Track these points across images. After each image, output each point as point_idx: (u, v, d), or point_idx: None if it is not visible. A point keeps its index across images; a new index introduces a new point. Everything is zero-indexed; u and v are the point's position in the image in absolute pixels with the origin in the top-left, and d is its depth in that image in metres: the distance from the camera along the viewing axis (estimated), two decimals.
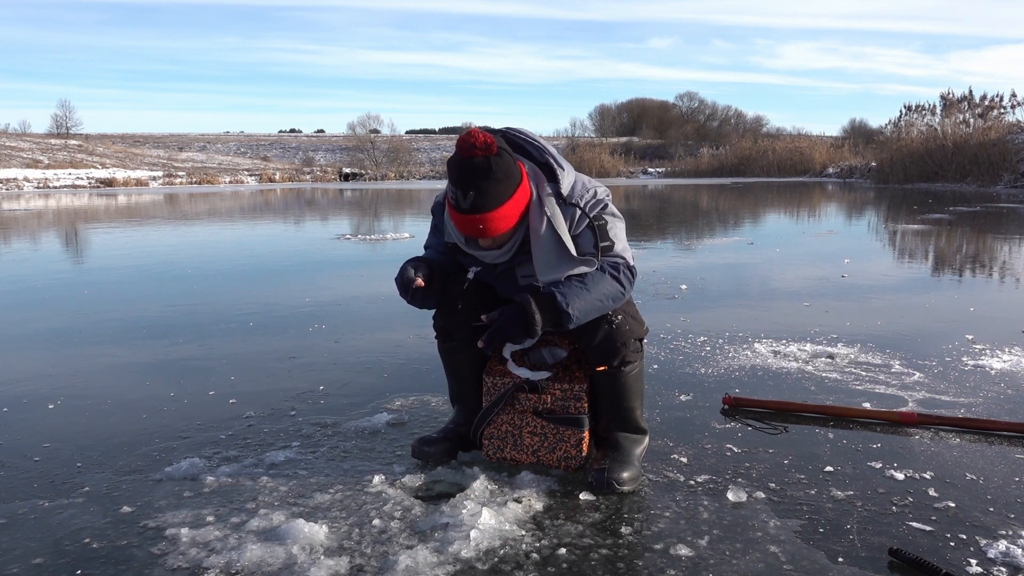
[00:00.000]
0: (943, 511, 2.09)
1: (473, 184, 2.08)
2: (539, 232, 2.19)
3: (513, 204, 2.14)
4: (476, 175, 2.07)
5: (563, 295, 2.14)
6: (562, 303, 2.12)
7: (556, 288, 2.16)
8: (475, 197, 2.08)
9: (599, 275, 2.20)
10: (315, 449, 2.56)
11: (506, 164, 2.11)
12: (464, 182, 2.09)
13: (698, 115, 69.10)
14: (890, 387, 3.19)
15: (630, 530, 2.00)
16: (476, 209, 2.09)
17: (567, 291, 2.15)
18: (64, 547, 1.94)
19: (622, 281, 2.22)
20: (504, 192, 2.11)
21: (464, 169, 2.09)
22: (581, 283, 2.17)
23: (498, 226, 2.14)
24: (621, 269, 2.22)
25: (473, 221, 2.12)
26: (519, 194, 2.16)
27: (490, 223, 2.12)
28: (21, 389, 3.28)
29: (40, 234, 11.25)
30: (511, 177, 2.13)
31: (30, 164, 37.13)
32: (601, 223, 2.24)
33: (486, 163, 2.07)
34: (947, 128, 27.17)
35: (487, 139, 2.08)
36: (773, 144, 41.26)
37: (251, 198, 22.25)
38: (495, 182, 2.09)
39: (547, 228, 2.20)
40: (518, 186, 2.16)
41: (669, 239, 9.88)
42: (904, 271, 6.93)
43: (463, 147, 2.09)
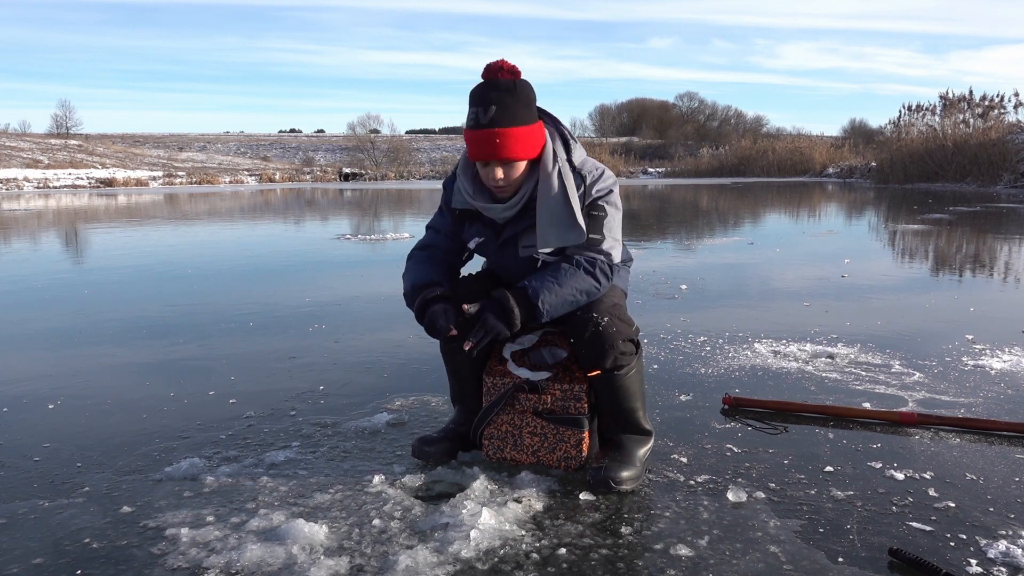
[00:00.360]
0: (943, 511, 2.09)
1: (496, 99, 2.13)
2: (552, 187, 2.21)
3: (530, 133, 2.18)
4: (500, 91, 2.14)
5: (534, 289, 2.17)
6: (532, 296, 2.16)
7: (528, 282, 2.19)
8: (496, 111, 2.12)
9: (573, 270, 2.20)
10: (315, 449, 2.56)
11: (528, 93, 2.19)
12: (486, 98, 2.13)
13: (698, 115, 69.14)
14: (890, 387, 3.19)
15: (630, 530, 2.00)
16: (496, 123, 2.12)
17: (539, 285, 2.17)
18: (64, 547, 1.94)
19: (597, 277, 2.23)
20: (524, 115, 2.16)
21: (488, 86, 2.15)
22: (553, 278, 2.18)
23: (514, 146, 2.15)
24: (598, 265, 2.23)
25: (490, 136, 2.13)
26: (536, 128, 2.21)
27: (507, 139, 2.13)
28: (21, 389, 3.28)
29: (40, 234, 11.25)
30: (531, 108, 2.19)
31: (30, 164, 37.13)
32: (598, 214, 2.25)
33: (511, 83, 2.15)
34: (947, 128, 27.18)
35: (514, 67, 2.17)
36: (773, 144, 41.26)
37: (251, 198, 22.25)
38: (517, 102, 2.14)
39: (559, 185, 2.21)
40: (535, 122, 2.21)
41: (669, 239, 9.88)
42: (904, 271, 6.93)
43: (489, 69, 2.17)
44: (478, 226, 2.37)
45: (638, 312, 2.40)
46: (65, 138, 50.90)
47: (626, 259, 2.62)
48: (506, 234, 2.33)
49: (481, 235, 2.37)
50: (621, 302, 2.38)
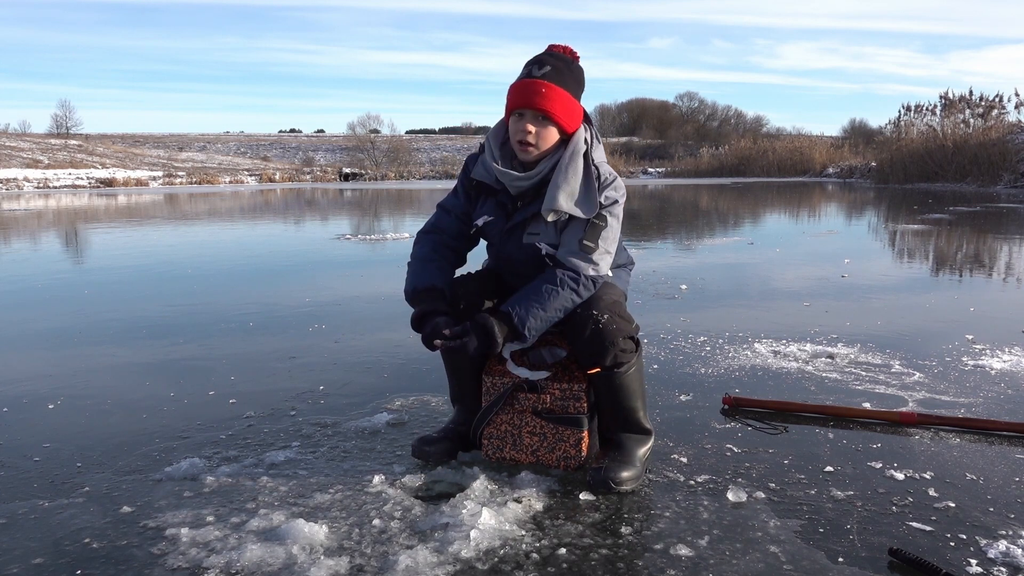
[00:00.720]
0: (943, 511, 2.09)
1: (552, 63, 2.26)
2: (577, 163, 2.28)
3: (572, 103, 2.30)
4: (557, 59, 2.28)
5: (520, 317, 2.20)
6: (518, 325, 2.20)
7: (514, 308, 2.21)
8: (550, 71, 2.26)
9: (557, 292, 2.22)
10: (315, 449, 2.56)
11: (581, 75, 2.33)
12: (544, 60, 2.27)
13: (698, 115, 69.14)
14: (890, 387, 3.19)
15: (630, 530, 2.00)
16: (548, 77, 2.24)
17: (524, 313, 2.20)
18: (64, 547, 1.94)
19: (580, 292, 2.25)
20: (572, 87, 2.29)
21: (549, 52, 2.31)
22: (539, 303, 2.21)
23: (555, 101, 2.24)
24: (581, 281, 2.24)
25: (538, 85, 2.24)
26: (578, 108, 2.33)
27: (552, 91, 2.24)
28: (21, 389, 3.28)
29: (40, 234, 11.25)
30: (580, 86, 2.33)
31: (30, 164, 37.13)
32: (599, 223, 2.26)
33: (569, 59, 2.31)
34: (947, 128, 27.17)
35: (575, 52, 2.34)
36: (773, 144, 41.26)
37: (251, 198, 22.25)
38: (571, 73, 2.29)
39: (584, 167, 2.29)
40: (579, 103, 2.33)
41: (669, 239, 9.88)
42: (904, 271, 6.93)
43: (551, 47, 2.32)
44: (490, 205, 2.38)
45: (638, 312, 2.40)
46: (65, 138, 50.90)
47: (627, 263, 2.62)
48: (516, 218, 2.33)
49: (491, 214, 2.38)
50: (621, 299, 2.38)
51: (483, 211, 2.40)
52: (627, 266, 2.62)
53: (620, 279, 2.51)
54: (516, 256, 2.37)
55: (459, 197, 2.45)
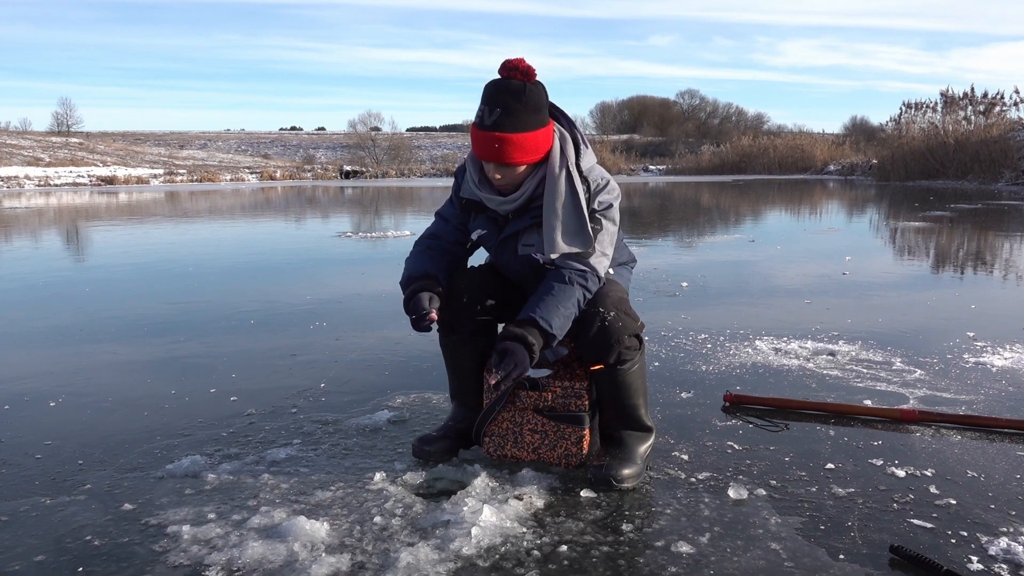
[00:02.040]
0: (944, 508, 2.09)
1: (502, 102, 2.13)
2: (559, 190, 2.22)
3: (533, 139, 2.18)
4: (507, 94, 2.13)
5: (545, 319, 2.17)
6: (546, 327, 2.17)
7: (535, 312, 2.18)
8: (500, 114, 2.12)
9: (569, 289, 2.21)
10: (316, 447, 2.57)
11: (539, 98, 2.17)
12: (494, 99, 2.14)
13: (699, 112, 69.09)
14: (891, 384, 3.19)
15: (631, 527, 2.00)
16: (498, 127, 2.13)
17: (547, 314, 2.18)
18: (66, 544, 1.94)
19: (589, 288, 2.24)
20: (529, 121, 2.15)
21: (498, 87, 2.15)
22: (556, 302, 2.19)
23: (513, 152, 2.15)
24: (589, 278, 2.24)
25: (492, 139, 2.14)
26: (542, 134, 2.20)
27: (507, 145, 2.14)
28: (22, 387, 3.28)
29: (41, 232, 11.25)
30: (540, 113, 2.18)
31: (31, 162, 37.13)
32: (594, 226, 2.26)
33: (521, 87, 2.14)
34: (948, 125, 27.12)
35: (529, 68, 2.16)
36: (774, 141, 41.12)
37: (252, 196, 22.25)
38: (524, 107, 2.13)
39: (567, 188, 2.22)
40: (543, 127, 2.20)
41: (670, 236, 9.87)
42: (905, 268, 6.93)
43: (504, 68, 2.16)
44: (482, 219, 2.39)
45: (639, 309, 2.40)
46: (66, 136, 50.91)
47: (629, 260, 2.62)
48: (508, 230, 2.33)
49: (484, 228, 2.38)
50: (626, 297, 2.38)
51: (476, 225, 2.41)
52: (629, 264, 2.62)
53: (622, 276, 2.51)
54: (512, 266, 2.38)
55: (455, 205, 2.45)
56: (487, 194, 2.30)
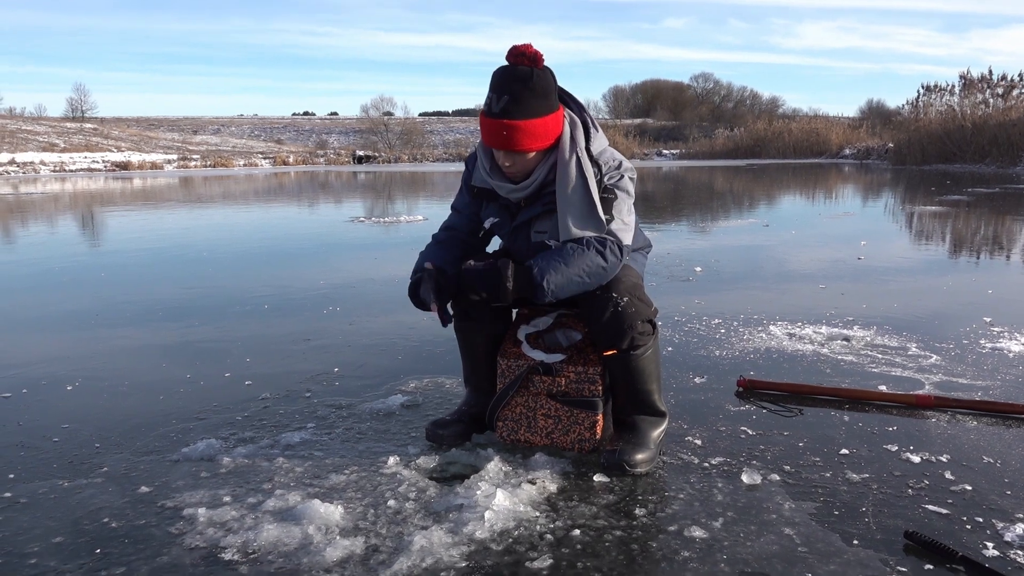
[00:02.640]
0: (959, 494, 2.08)
1: (508, 88, 2.12)
2: (569, 176, 2.20)
3: (542, 125, 2.16)
4: (514, 81, 2.12)
5: (540, 269, 2.15)
6: (537, 276, 2.13)
7: (535, 262, 2.17)
8: (508, 102, 2.11)
9: (582, 251, 2.17)
10: (330, 431, 2.58)
11: (546, 83, 2.16)
12: (501, 86, 2.13)
13: (713, 96, 68.61)
14: (907, 370, 3.17)
15: (644, 512, 2.00)
16: (506, 114, 2.12)
17: (544, 265, 2.15)
18: (84, 526, 1.96)
19: (606, 256, 2.19)
20: (537, 108, 2.14)
21: (505, 74, 2.14)
22: (561, 258, 2.16)
23: (522, 139, 2.15)
24: (608, 244, 2.20)
25: (499, 127, 2.13)
26: (551, 120, 2.18)
27: (515, 133, 2.13)
28: (40, 371, 3.31)
29: (57, 218, 11.33)
30: (548, 99, 2.16)
31: (46, 148, 37.33)
32: (608, 196, 2.24)
33: (528, 72, 2.13)
34: (966, 108, 26.82)
35: (536, 53, 2.14)
36: (789, 125, 40.81)
37: (265, 181, 22.30)
38: (531, 94, 2.12)
39: (577, 174, 2.21)
40: (552, 112, 2.18)
41: (683, 221, 9.83)
42: (921, 253, 6.87)
43: (511, 54, 2.15)
44: (494, 207, 2.38)
45: (652, 295, 2.39)
46: (80, 121, 51.16)
47: (644, 246, 2.60)
48: (520, 218, 2.33)
49: (497, 216, 2.38)
50: (640, 282, 2.37)
51: (488, 213, 2.41)
52: (644, 249, 2.60)
53: (636, 262, 2.50)
54: (526, 253, 2.37)
55: (465, 195, 2.46)
56: (498, 182, 2.29)
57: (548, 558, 1.78)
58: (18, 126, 42.87)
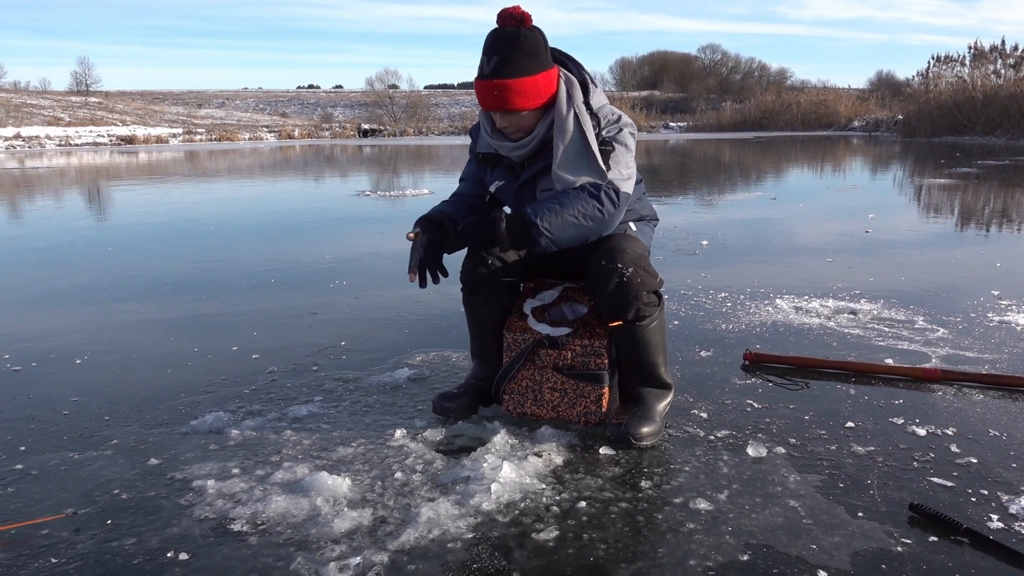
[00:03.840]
0: (965, 467, 2.08)
1: (497, 50, 2.14)
2: (566, 130, 2.21)
3: (534, 83, 2.17)
4: (503, 41, 2.14)
5: (534, 210, 2.16)
6: (530, 215, 2.14)
7: (529, 206, 2.19)
8: (497, 63, 2.14)
9: (576, 193, 2.19)
10: (337, 404, 2.59)
11: (535, 42, 2.17)
12: (490, 48, 2.15)
13: (721, 68, 67.89)
14: (913, 343, 3.17)
15: (649, 484, 2.01)
16: (495, 75, 2.14)
17: (539, 207, 2.17)
18: (94, 498, 1.98)
19: (601, 200, 2.19)
20: (528, 66, 2.16)
21: (495, 36, 2.16)
22: (555, 200, 2.18)
23: (514, 98, 2.16)
24: (602, 189, 2.20)
25: (490, 87, 2.16)
26: (543, 78, 2.19)
27: (507, 92, 2.15)
28: (48, 344, 3.33)
29: (63, 192, 11.33)
30: (538, 57, 2.18)
31: (51, 122, 37.28)
32: (606, 148, 2.25)
33: (515, 32, 2.15)
34: (977, 79, 26.51)
35: (524, 13, 2.16)
36: (797, 97, 40.43)
37: (270, 155, 22.24)
38: (520, 53, 2.14)
39: (575, 127, 2.22)
40: (544, 70, 2.20)
41: (690, 194, 9.78)
42: (929, 226, 6.83)
43: (500, 17, 2.16)
44: (500, 170, 2.40)
45: (658, 268, 2.38)
46: (85, 95, 51.02)
47: (651, 216, 2.60)
48: (524, 176, 2.35)
49: (502, 179, 2.40)
50: (645, 253, 2.37)
51: (494, 178, 2.42)
52: (651, 220, 2.60)
53: (644, 234, 2.49)
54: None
55: (472, 163, 2.49)
56: (500, 142, 2.31)
57: (554, 530, 1.79)
58: (23, 100, 42.78)
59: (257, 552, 1.72)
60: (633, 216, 2.45)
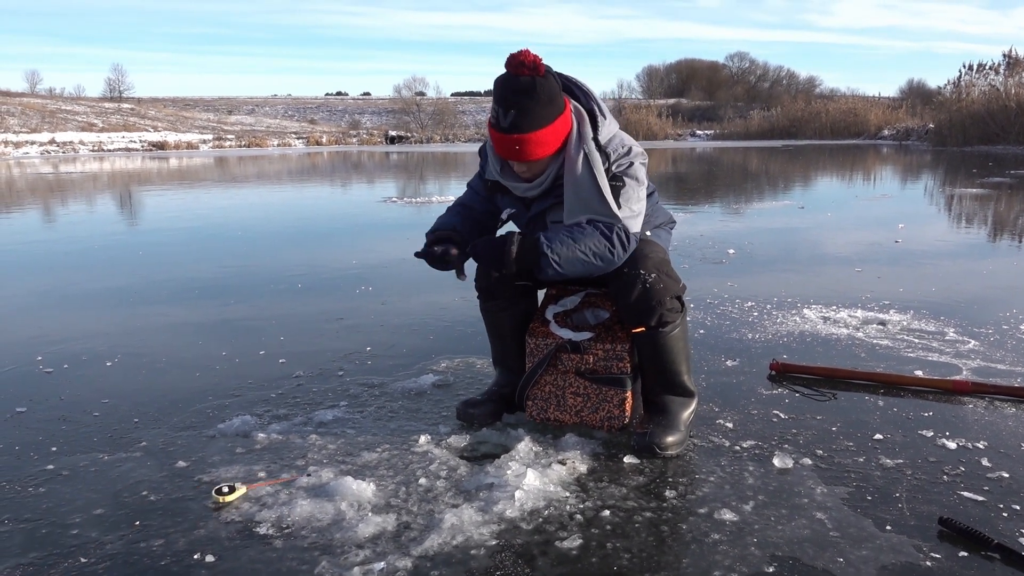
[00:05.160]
0: (996, 481, 2.05)
1: (515, 102, 2.10)
2: (576, 171, 2.20)
3: (552, 131, 2.15)
4: (519, 94, 2.09)
5: (547, 239, 2.15)
6: (544, 244, 2.14)
7: (543, 233, 2.18)
8: (515, 116, 2.10)
9: (590, 230, 2.18)
10: (362, 409, 2.61)
11: (551, 88, 2.13)
12: (507, 100, 2.11)
13: (749, 76, 67.45)
14: (944, 355, 3.12)
15: (674, 494, 2.00)
16: (515, 128, 2.11)
17: (551, 236, 2.17)
18: (123, 499, 2.01)
19: (612, 241, 2.19)
20: (545, 116, 2.13)
21: (508, 87, 2.11)
22: (568, 233, 2.17)
23: (534, 150, 2.14)
24: (615, 230, 2.19)
25: (511, 142, 2.13)
26: (559, 122, 2.17)
27: (527, 145, 2.13)
28: (80, 347, 3.38)
29: (96, 197, 11.52)
30: (554, 103, 2.14)
31: (85, 127, 37.92)
32: (616, 184, 2.23)
33: (531, 83, 2.09)
34: (1011, 88, 26.09)
35: (536, 59, 2.11)
36: (826, 105, 40.04)
37: (299, 161, 22.45)
38: (538, 103, 2.10)
39: (584, 168, 2.20)
40: (560, 115, 2.17)
41: (717, 203, 9.73)
42: (961, 237, 6.74)
43: (511, 64, 2.11)
44: (509, 198, 2.39)
45: (684, 277, 2.37)
46: (118, 101, 51.83)
47: (667, 221, 2.59)
48: (534, 210, 2.35)
49: (513, 207, 2.40)
50: (667, 258, 2.36)
51: (505, 204, 2.42)
52: (666, 225, 2.59)
53: (660, 238, 2.49)
54: None
55: (481, 180, 2.47)
56: (511, 182, 2.31)
57: (578, 538, 1.79)
58: (58, 106, 43.56)
59: (282, 555, 1.74)
60: (649, 226, 2.44)
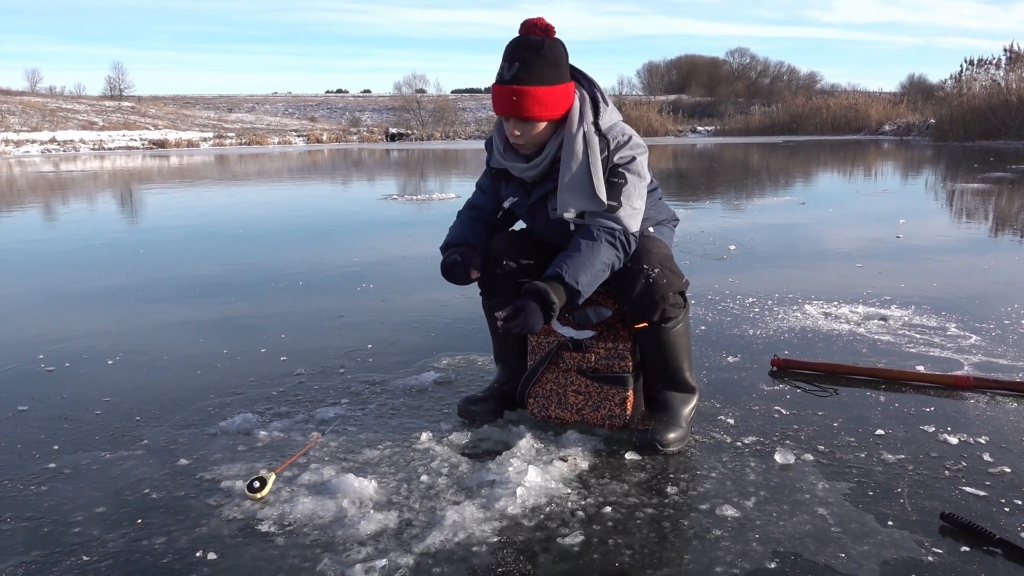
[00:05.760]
0: (998, 476, 2.05)
1: (520, 56, 2.13)
2: (573, 149, 2.20)
3: (551, 93, 2.16)
4: (526, 49, 2.14)
5: (569, 273, 2.15)
6: (571, 282, 2.14)
7: (562, 267, 2.16)
8: (519, 68, 2.13)
9: (597, 245, 2.18)
10: (364, 406, 2.61)
11: (558, 53, 2.17)
12: (513, 54, 2.15)
13: (749, 72, 67.40)
14: (945, 350, 3.12)
15: (676, 490, 2.00)
16: (516, 80, 2.13)
17: (570, 266, 2.16)
18: (125, 497, 2.01)
19: (618, 248, 2.20)
20: (548, 76, 2.15)
21: (518, 43, 2.16)
22: (583, 258, 2.17)
23: (532, 106, 2.14)
24: (618, 236, 2.20)
25: (509, 92, 2.14)
26: (562, 90, 2.19)
27: (525, 98, 2.13)
28: (81, 345, 3.39)
29: (97, 195, 11.52)
30: (559, 68, 2.18)
31: (85, 126, 37.92)
32: (618, 181, 2.22)
33: (540, 42, 2.15)
34: (1012, 83, 26.05)
35: (548, 25, 2.16)
36: (827, 101, 40.00)
37: (299, 159, 22.45)
38: (542, 62, 2.14)
39: (582, 154, 2.20)
40: (563, 83, 2.19)
41: (718, 199, 9.72)
42: (962, 232, 6.73)
43: (523, 26, 2.17)
44: (512, 186, 2.39)
45: (685, 273, 2.37)
46: (119, 100, 51.86)
47: (670, 218, 2.58)
48: (535, 195, 2.34)
49: (515, 195, 2.39)
50: (670, 253, 2.36)
51: (507, 193, 2.42)
52: (669, 222, 2.58)
53: (663, 235, 2.48)
54: (546, 231, 2.38)
55: (488, 177, 2.47)
56: (512, 162, 2.30)
57: (579, 535, 1.79)
58: (58, 104, 43.57)
59: (284, 553, 1.74)
60: (651, 222, 2.43)
